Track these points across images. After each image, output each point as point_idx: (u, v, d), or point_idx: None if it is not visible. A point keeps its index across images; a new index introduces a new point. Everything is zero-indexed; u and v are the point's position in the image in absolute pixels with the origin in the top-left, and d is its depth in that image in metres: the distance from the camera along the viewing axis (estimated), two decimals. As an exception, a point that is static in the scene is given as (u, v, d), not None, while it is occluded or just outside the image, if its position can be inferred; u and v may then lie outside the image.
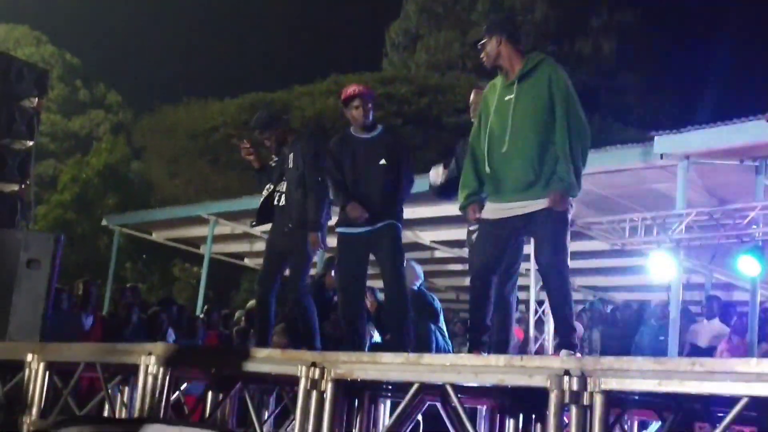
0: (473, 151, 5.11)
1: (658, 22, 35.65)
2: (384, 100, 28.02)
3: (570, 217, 4.95)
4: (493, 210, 5.01)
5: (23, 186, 8.17)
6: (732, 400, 3.58)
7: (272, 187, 6.39)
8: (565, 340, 4.80)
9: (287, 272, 6.44)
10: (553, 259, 4.82)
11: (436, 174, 5.95)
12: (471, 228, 5.67)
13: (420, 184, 6.24)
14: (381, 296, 7.61)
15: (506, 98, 4.97)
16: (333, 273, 8.23)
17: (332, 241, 6.10)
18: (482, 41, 5.08)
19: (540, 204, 4.83)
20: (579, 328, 9.91)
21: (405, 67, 36.30)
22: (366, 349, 7.65)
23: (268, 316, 6.39)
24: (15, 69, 8.31)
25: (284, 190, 6.31)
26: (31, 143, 8.32)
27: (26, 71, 8.44)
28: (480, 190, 5.08)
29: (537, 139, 4.86)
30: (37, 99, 8.41)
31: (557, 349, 4.78)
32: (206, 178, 29.60)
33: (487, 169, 4.98)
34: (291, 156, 6.25)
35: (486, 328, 5.10)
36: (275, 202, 6.36)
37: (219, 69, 45.29)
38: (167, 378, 5.32)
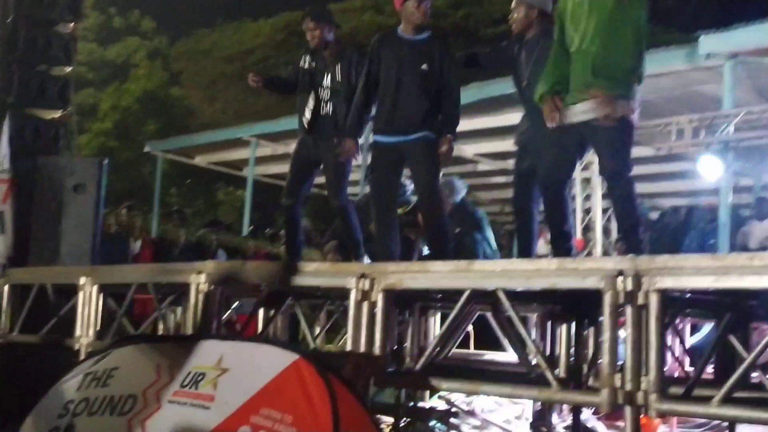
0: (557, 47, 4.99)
1: None
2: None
3: (632, 118, 4.85)
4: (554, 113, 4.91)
5: (64, 112, 8.19)
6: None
7: (315, 95, 6.23)
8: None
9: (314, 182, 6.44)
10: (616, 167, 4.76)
11: None
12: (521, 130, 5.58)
13: (461, 96, 6.08)
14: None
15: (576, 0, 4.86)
16: None
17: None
18: None
19: (602, 102, 4.72)
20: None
21: (445, -19, 35.58)
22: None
23: (296, 227, 6.41)
24: (47, -6, 8.25)
25: (326, 98, 6.17)
26: (69, 69, 8.31)
27: (59, -4, 8.38)
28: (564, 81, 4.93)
29: (600, 39, 4.75)
30: (72, 24, 8.37)
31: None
32: (244, 100, 29.55)
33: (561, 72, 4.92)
34: (339, 67, 6.09)
35: (567, 235, 5.06)
36: (317, 109, 6.22)
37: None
38: (218, 296, 5.36)
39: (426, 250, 8.09)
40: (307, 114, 6.20)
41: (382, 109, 5.69)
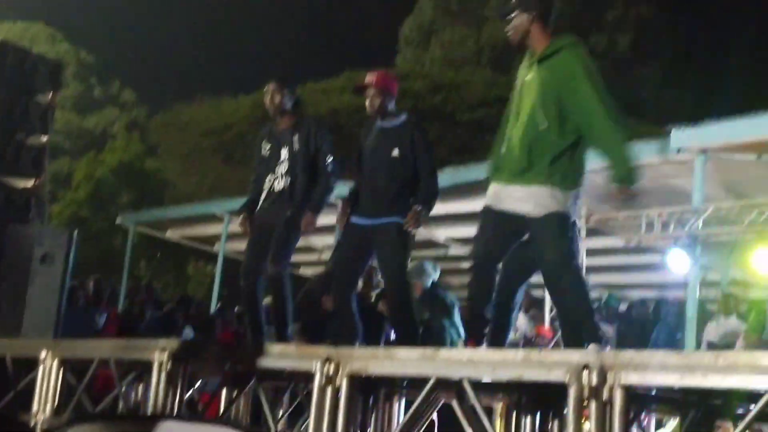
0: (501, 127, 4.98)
1: (674, 15, 35.46)
2: (398, 96, 27.96)
3: (574, 214, 4.79)
4: (493, 193, 4.88)
5: (37, 181, 8.15)
6: (755, 396, 3.52)
7: (272, 176, 6.07)
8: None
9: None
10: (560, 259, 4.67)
11: None
12: None
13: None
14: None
15: (526, 78, 4.81)
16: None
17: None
18: (512, 14, 4.82)
19: (535, 193, 4.66)
20: (606, 328, 9.85)
21: (419, 63, 36.28)
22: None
23: (256, 306, 6.09)
24: (29, 63, 8.31)
25: (283, 172, 6.01)
26: (45, 138, 8.30)
27: (40, 65, 8.44)
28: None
29: (539, 126, 4.67)
30: (51, 93, 8.39)
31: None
32: (220, 175, 29.65)
33: (503, 149, 4.86)
34: (297, 137, 6.00)
35: (484, 320, 4.96)
36: (272, 188, 6.05)
37: (233, 66, 45.41)
38: (181, 374, 5.28)
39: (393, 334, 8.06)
40: (264, 194, 6.12)
41: (360, 192, 5.72)
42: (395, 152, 5.56)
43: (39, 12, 34.80)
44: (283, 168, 6.01)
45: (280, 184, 6.00)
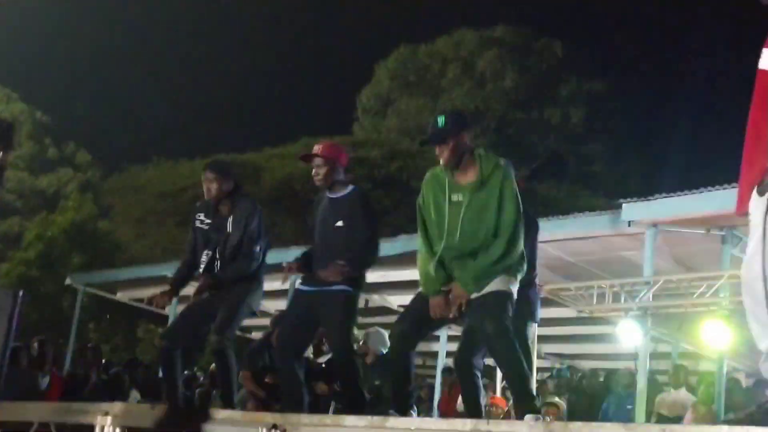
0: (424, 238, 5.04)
1: (626, 91, 36.40)
2: (355, 163, 28.13)
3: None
4: None
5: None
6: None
7: (210, 253, 6.14)
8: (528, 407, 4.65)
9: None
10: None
11: None
12: None
13: (388, 248, 6.12)
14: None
15: (454, 198, 4.91)
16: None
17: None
18: (444, 142, 4.88)
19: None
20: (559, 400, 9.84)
21: (376, 132, 36.66)
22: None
23: (173, 372, 6.07)
24: (-19, 122, 8.22)
25: (218, 255, 6.10)
26: (-6, 197, 8.20)
27: (-8, 124, 8.35)
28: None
29: (479, 242, 4.82)
30: (2, 153, 8.30)
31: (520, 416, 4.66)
32: (174, 238, 29.41)
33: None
34: (231, 220, 6.07)
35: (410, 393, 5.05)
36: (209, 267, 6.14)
37: (189, 130, 45.39)
38: (124, 439, 5.16)
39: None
40: (201, 269, 6.13)
41: (312, 261, 5.71)
42: (339, 223, 5.58)
43: (-7, 72, 34.72)
44: (219, 250, 6.09)
45: (216, 266, 6.09)
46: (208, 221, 6.19)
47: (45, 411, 6.00)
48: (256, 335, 16.48)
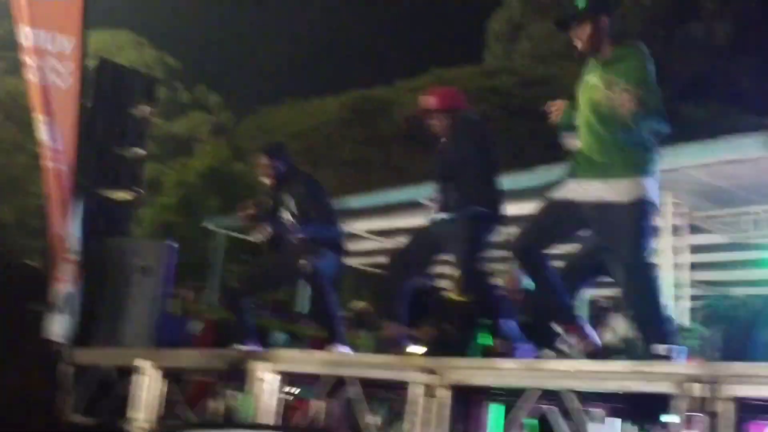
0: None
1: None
2: (488, 93, 27.72)
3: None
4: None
5: (136, 194, 8.34)
6: None
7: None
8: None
9: None
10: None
11: None
12: None
13: (525, 180, 5.97)
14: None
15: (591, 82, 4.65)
16: None
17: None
18: (581, 24, 4.61)
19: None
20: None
21: (508, 59, 35.88)
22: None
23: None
24: (126, 78, 8.52)
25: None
26: (142, 151, 8.49)
27: (136, 80, 8.66)
28: None
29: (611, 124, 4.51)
30: (147, 107, 8.58)
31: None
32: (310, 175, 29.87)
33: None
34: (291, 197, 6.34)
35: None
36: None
37: (318, 68, 45.64)
38: (278, 383, 5.31)
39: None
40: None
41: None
42: None
43: (125, 20, 35.55)
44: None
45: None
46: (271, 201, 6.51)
47: (204, 358, 6.23)
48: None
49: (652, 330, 4.41)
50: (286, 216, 6.30)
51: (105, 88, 8.36)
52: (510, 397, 4.56)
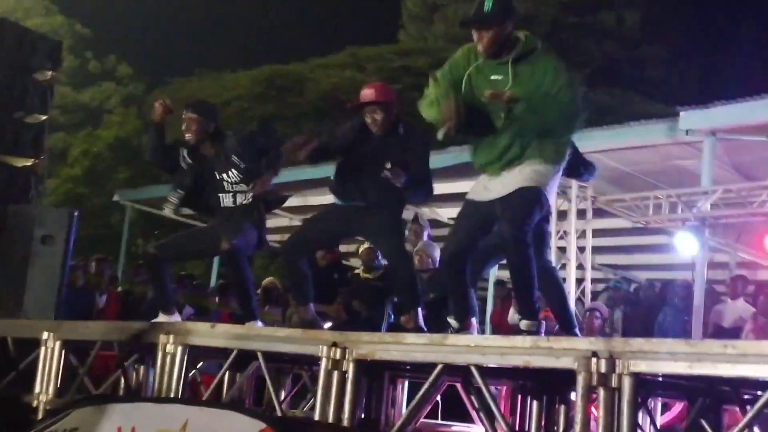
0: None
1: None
2: (402, 72, 27.74)
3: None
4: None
5: (37, 161, 8.10)
6: (764, 384, 3.47)
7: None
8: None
9: None
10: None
11: None
12: None
13: (438, 161, 6.05)
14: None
15: (492, 77, 4.71)
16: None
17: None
18: (487, 28, 4.64)
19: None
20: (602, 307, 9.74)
21: (422, 40, 35.96)
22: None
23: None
24: (28, 41, 8.26)
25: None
26: (44, 117, 8.25)
27: (40, 43, 8.38)
28: None
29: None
30: (50, 72, 8.32)
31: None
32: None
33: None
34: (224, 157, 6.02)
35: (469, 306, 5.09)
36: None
37: (232, 41, 44.92)
38: (185, 356, 5.24)
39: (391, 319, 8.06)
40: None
41: None
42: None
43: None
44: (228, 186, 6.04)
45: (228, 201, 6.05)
46: (190, 161, 6.12)
47: (107, 330, 6.10)
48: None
49: (523, 305, 4.86)
50: (227, 176, 6.02)
51: (4, 49, 8.06)
52: (422, 373, 4.60)
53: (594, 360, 3.66)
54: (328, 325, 7.04)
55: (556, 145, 4.72)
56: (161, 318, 5.94)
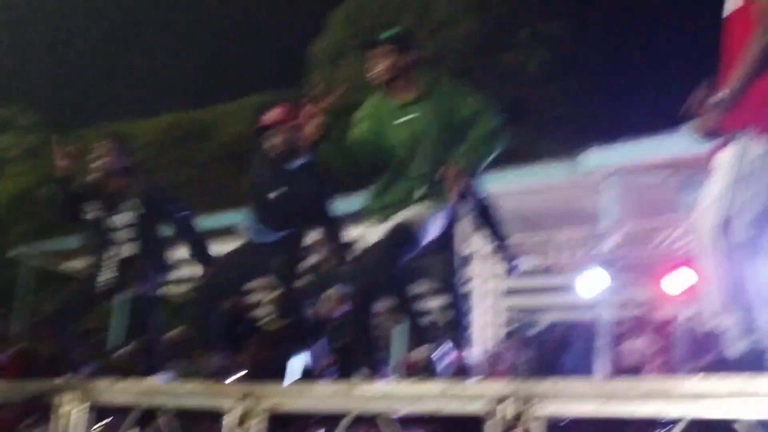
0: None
1: (586, 33, 35.91)
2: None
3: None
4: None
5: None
6: (671, 423, 3.52)
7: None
8: None
9: None
10: None
11: None
12: None
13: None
14: None
15: (396, 121, 4.78)
16: None
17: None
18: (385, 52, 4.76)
19: None
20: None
21: (328, 84, 36.00)
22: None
23: None
24: None
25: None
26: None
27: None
28: None
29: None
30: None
31: None
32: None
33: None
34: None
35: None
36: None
37: (137, 90, 44.40)
38: (87, 414, 5.05)
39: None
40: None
41: None
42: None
43: None
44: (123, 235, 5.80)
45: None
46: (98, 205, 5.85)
47: (3, 389, 5.84)
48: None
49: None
50: (120, 219, 5.79)
51: None
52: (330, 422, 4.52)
53: (505, 404, 3.66)
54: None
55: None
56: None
